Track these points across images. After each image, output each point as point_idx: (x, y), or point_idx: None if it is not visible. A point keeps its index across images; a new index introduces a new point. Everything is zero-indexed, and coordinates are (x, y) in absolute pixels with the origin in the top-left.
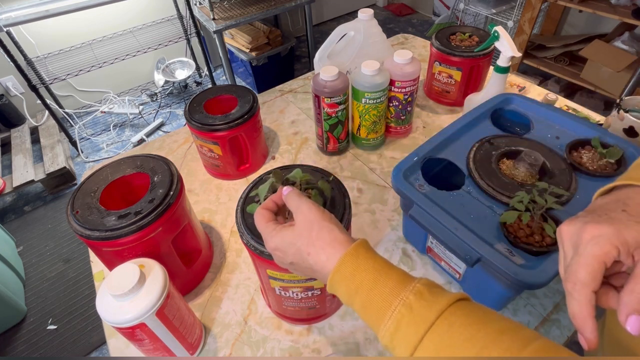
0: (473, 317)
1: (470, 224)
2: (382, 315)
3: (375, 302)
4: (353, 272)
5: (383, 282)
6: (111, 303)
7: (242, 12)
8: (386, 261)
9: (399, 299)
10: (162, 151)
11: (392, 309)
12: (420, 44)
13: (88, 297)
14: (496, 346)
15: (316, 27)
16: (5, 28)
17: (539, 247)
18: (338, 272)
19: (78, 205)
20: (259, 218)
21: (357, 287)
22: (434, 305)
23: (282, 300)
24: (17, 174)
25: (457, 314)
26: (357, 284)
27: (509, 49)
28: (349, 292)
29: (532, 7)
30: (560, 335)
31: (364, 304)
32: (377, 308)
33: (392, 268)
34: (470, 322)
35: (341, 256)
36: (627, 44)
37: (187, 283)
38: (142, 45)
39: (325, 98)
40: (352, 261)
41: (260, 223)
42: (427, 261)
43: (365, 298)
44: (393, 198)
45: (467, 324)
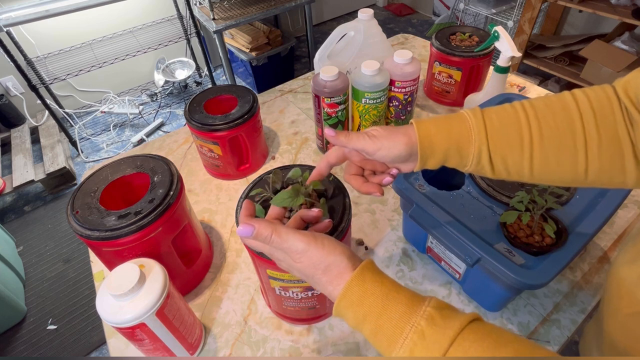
0: (487, 341)
1: (470, 224)
2: (393, 343)
3: (386, 329)
4: (360, 298)
5: (392, 307)
6: (111, 303)
7: (242, 12)
8: (394, 282)
9: (409, 325)
10: (162, 151)
11: (404, 336)
12: (420, 44)
13: (88, 297)
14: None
15: (316, 27)
16: (5, 28)
17: (539, 247)
18: (345, 299)
19: (78, 205)
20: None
21: (365, 313)
22: (447, 331)
23: (282, 300)
24: (17, 174)
25: (471, 339)
26: (365, 310)
27: (509, 49)
28: (356, 318)
29: (532, 7)
30: (560, 335)
31: (373, 331)
32: (388, 336)
33: (400, 290)
34: (484, 348)
35: (347, 281)
36: (627, 44)
37: (187, 283)
38: (142, 45)
39: (325, 98)
40: (359, 285)
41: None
42: (427, 261)
43: (375, 325)
44: (393, 198)
45: (481, 350)
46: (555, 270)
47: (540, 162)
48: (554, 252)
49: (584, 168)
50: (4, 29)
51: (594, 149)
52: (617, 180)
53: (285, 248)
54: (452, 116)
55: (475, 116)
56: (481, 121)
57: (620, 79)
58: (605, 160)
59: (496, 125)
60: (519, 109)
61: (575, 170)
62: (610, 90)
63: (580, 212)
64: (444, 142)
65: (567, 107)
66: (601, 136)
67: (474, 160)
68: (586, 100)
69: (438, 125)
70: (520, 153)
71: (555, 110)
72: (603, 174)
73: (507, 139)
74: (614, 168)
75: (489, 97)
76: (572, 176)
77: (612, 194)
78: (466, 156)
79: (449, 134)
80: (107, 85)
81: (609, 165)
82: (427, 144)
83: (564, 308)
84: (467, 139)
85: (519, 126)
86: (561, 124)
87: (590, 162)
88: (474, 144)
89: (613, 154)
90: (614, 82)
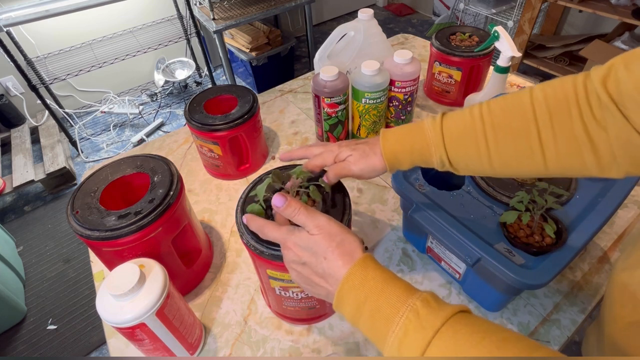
0: (477, 326)
1: (470, 224)
2: (390, 322)
3: (384, 309)
4: (362, 281)
5: (390, 290)
6: (111, 303)
7: (242, 12)
8: (392, 273)
9: (406, 305)
10: (162, 151)
11: (400, 315)
12: (420, 44)
13: (88, 297)
14: (501, 352)
15: (316, 27)
16: (5, 28)
17: (539, 247)
18: (347, 281)
19: (78, 205)
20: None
21: (366, 295)
22: (440, 312)
23: (282, 300)
24: (17, 174)
25: (462, 323)
26: (366, 291)
27: (509, 49)
28: (357, 301)
29: (532, 7)
30: (560, 335)
31: (372, 312)
32: (386, 315)
33: (398, 278)
34: (475, 330)
35: (350, 267)
36: (627, 44)
37: (187, 283)
38: (142, 45)
39: (325, 98)
40: (361, 271)
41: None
42: (427, 261)
43: (374, 305)
44: (393, 198)
45: (472, 332)
46: (555, 270)
47: (500, 165)
48: (554, 252)
49: (543, 167)
50: (4, 29)
51: (551, 150)
52: (580, 173)
53: (309, 221)
54: (414, 129)
55: (434, 129)
56: (439, 134)
57: (598, 68)
58: (563, 158)
59: (454, 136)
60: (476, 117)
61: (535, 169)
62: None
63: (580, 212)
64: (408, 156)
65: (523, 110)
66: (557, 137)
67: (438, 166)
68: (543, 100)
69: (401, 141)
70: (479, 158)
71: (512, 115)
72: (564, 170)
73: (465, 148)
74: (573, 164)
75: (489, 97)
76: (533, 172)
77: (612, 194)
78: (430, 163)
79: (412, 149)
80: (107, 85)
81: (568, 163)
82: (393, 159)
83: (564, 308)
84: (428, 150)
85: (475, 136)
86: (516, 128)
87: (549, 161)
88: (435, 154)
89: (571, 153)
90: (592, 69)
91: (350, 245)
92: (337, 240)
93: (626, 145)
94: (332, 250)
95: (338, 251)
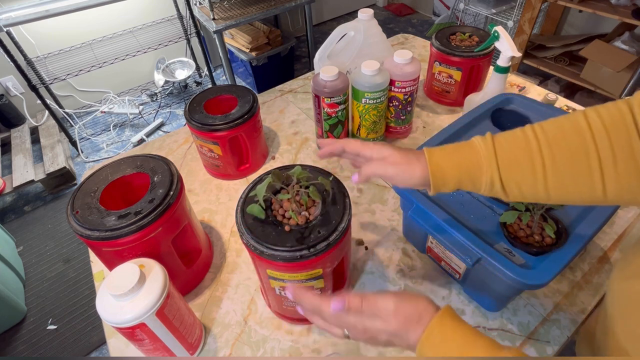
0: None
1: (470, 224)
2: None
3: None
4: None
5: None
6: (111, 303)
7: (242, 12)
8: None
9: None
10: (162, 151)
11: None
12: (420, 44)
13: (88, 297)
14: None
15: (316, 27)
16: (5, 28)
17: (539, 247)
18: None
19: (78, 205)
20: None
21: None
22: None
23: (282, 300)
24: (17, 174)
25: None
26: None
27: (509, 49)
28: None
29: (532, 7)
30: (560, 335)
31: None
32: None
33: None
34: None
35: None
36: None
37: (187, 283)
38: (142, 45)
39: (325, 98)
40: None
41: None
42: (427, 261)
43: None
44: (393, 198)
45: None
46: (555, 270)
47: (555, 186)
48: (554, 252)
49: (601, 189)
50: (4, 29)
51: (610, 169)
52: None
53: (377, 311)
54: (463, 145)
55: (486, 144)
56: (492, 149)
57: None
58: (623, 179)
59: (507, 153)
60: (529, 135)
61: (593, 191)
62: (623, 106)
63: (580, 212)
64: (456, 172)
65: (579, 128)
66: (616, 156)
67: (487, 187)
68: (598, 119)
69: (449, 156)
70: (534, 179)
71: (567, 133)
72: (623, 192)
73: (519, 166)
74: (633, 186)
75: (489, 97)
76: (590, 197)
77: None
78: (479, 184)
79: (460, 165)
80: (107, 85)
81: (628, 184)
82: (439, 175)
83: (564, 308)
84: (478, 168)
85: (530, 152)
86: (574, 147)
87: (608, 183)
88: (486, 173)
89: (631, 172)
90: (633, 96)
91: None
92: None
93: None
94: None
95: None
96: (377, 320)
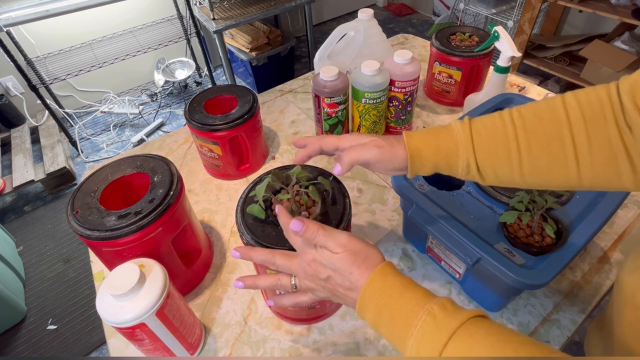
0: (493, 329)
1: (470, 224)
2: (409, 326)
3: (403, 314)
4: (382, 287)
5: (409, 295)
6: (111, 303)
7: (242, 12)
8: (411, 279)
9: (424, 309)
10: (162, 151)
11: (419, 318)
12: (420, 44)
13: (88, 297)
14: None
15: (316, 27)
16: (5, 28)
17: (539, 247)
18: (368, 288)
19: (78, 205)
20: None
21: (386, 300)
22: (456, 315)
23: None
24: (17, 174)
25: (478, 325)
26: (386, 297)
27: (509, 49)
28: (377, 306)
29: (532, 7)
30: (560, 335)
31: (391, 316)
32: (405, 319)
33: (417, 284)
34: (490, 333)
35: (370, 274)
36: (627, 44)
37: (187, 283)
38: (142, 45)
39: (325, 98)
40: (380, 278)
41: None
42: (427, 261)
43: (393, 310)
44: (393, 198)
45: (487, 334)
46: (555, 270)
47: (530, 172)
48: (554, 252)
49: (576, 175)
50: (4, 29)
51: (585, 156)
52: (615, 185)
53: (329, 240)
54: (441, 129)
55: (464, 129)
56: (469, 135)
57: (627, 78)
58: (598, 166)
59: (484, 139)
60: (507, 120)
61: (568, 177)
62: (605, 92)
63: (580, 212)
64: (433, 155)
65: (556, 114)
66: (592, 142)
67: (463, 171)
68: (576, 105)
69: (428, 140)
70: (509, 165)
71: (544, 119)
72: (598, 179)
73: (495, 151)
74: (608, 173)
75: (489, 97)
76: (566, 183)
77: (612, 194)
78: (455, 168)
79: (438, 148)
80: (107, 85)
81: (603, 171)
82: (417, 158)
83: (564, 308)
84: (455, 152)
85: (506, 139)
86: (550, 133)
87: (583, 169)
88: (462, 157)
89: (606, 160)
90: (620, 80)
91: (374, 260)
92: (361, 256)
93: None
94: (357, 266)
95: (364, 265)
96: (326, 251)
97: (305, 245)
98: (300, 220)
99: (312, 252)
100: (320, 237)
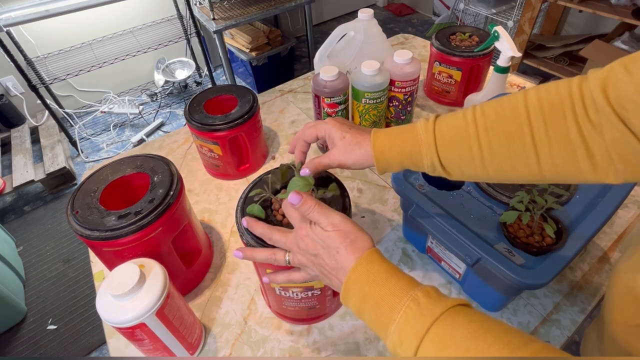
0: (476, 316)
1: (470, 224)
2: (392, 311)
3: (387, 299)
4: (368, 273)
5: (394, 281)
6: (111, 303)
7: (242, 12)
8: (397, 267)
9: (408, 295)
10: (162, 151)
11: (402, 303)
12: (420, 44)
13: (88, 297)
14: (497, 341)
15: (316, 27)
16: (5, 28)
17: (539, 247)
18: (354, 273)
19: (78, 205)
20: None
21: (371, 286)
22: (440, 302)
23: (282, 301)
24: (17, 174)
25: (461, 313)
26: (371, 282)
27: (509, 49)
28: (362, 292)
29: (532, 7)
30: (560, 335)
31: (375, 302)
32: (389, 305)
33: (402, 272)
34: (473, 320)
35: (357, 259)
36: (627, 44)
37: (187, 283)
38: (142, 45)
39: (325, 98)
40: (367, 263)
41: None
42: (427, 261)
43: (378, 295)
44: (393, 198)
45: (469, 321)
46: (555, 270)
47: (493, 169)
48: (554, 252)
49: (538, 171)
50: (4, 29)
51: (545, 153)
52: (576, 178)
53: (323, 217)
54: (405, 130)
55: (427, 131)
56: (432, 136)
57: (596, 71)
58: (558, 161)
59: (446, 139)
60: (469, 119)
61: (530, 172)
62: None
63: (580, 212)
64: (397, 156)
65: (516, 111)
66: (551, 139)
67: (429, 169)
68: (536, 101)
69: (391, 141)
70: (472, 163)
71: (505, 116)
72: (559, 174)
73: (458, 151)
74: (569, 168)
75: (489, 97)
76: (529, 178)
77: (612, 194)
78: (421, 166)
79: (402, 149)
80: (107, 85)
81: (563, 167)
82: (382, 159)
83: (564, 308)
84: (418, 153)
85: (468, 138)
86: (510, 130)
87: (544, 165)
88: (425, 157)
89: (565, 156)
90: (589, 72)
91: (363, 243)
92: (350, 237)
93: (624, 150)
94: (345, 246)
95: (351, 247)
96: (317, 228)
97: (302, 221)
98: (299, 193)
99: (306, 227)
100: (314, 214)
